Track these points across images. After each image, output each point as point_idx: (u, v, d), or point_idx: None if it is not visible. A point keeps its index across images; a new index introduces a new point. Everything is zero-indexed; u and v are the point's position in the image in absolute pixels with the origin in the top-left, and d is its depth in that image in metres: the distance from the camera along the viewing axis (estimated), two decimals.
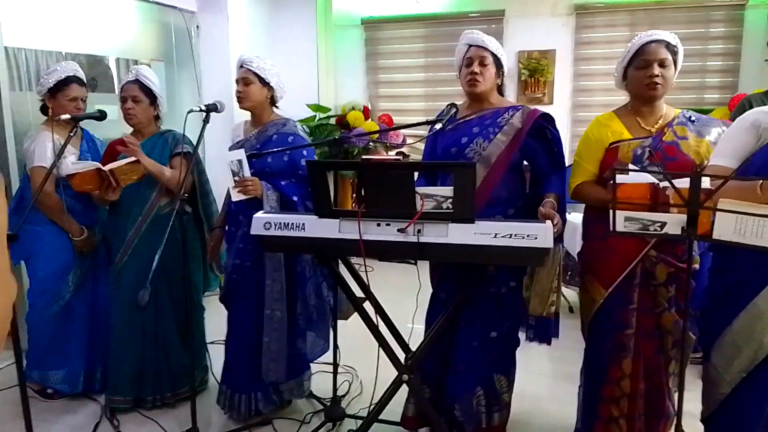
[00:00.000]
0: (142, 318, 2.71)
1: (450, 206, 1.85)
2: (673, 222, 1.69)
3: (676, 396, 1.94)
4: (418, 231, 1.86)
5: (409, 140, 5.23)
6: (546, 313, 2.19)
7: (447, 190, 1.85)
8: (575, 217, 3.72)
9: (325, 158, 4.84)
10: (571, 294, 4.19)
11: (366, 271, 2.13)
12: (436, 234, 1.85)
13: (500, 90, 2.31)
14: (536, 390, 2.96)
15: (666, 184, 1.68)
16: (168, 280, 2.71)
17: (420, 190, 1.88)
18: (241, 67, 2.50)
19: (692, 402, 1.97)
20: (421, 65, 5.83)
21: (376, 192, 1.91)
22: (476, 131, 2.20)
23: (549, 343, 2.23)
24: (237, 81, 2.51)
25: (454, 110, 2.23)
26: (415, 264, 2.19)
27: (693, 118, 2.11)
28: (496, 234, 1.82)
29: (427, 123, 2.28)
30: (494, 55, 2.19)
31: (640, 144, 2.07)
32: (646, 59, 2.04)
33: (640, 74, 2.06)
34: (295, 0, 5.29)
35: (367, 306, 2.22)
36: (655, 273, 2.08)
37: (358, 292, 2.26)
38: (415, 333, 2.40)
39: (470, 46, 2.21)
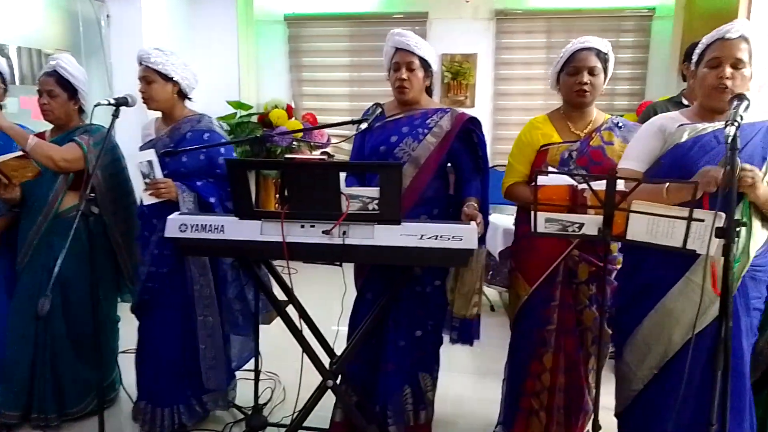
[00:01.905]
0: (36, 328, 2.47)
1: (376, 207, 1.81)
2: (591, 223, 1.74)
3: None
4: (344, 233, 1.81)
5: (333, 140, 5.18)
6: (469, 315, 2.23)
7: (373, 191, 1.82)
8: (497, 218, 3.82)
9: (247, 157, 4.69)
10: (492, 293, 4.29)
11: (289, 274, 2.06)
12: (361, 235, 1.82)
13: (429, 91, 2.31)
14: (459, 388, 2.99)
15: (584, 186, 1.73)
16: (67, 288, 2.48)
17: (346, 190, 1.84)
18: (140, 64, 2.32)
19: (608, 396, 2.04)
20: (346, 64, 5.78)
21: (300, 192, 1.84)
22: (406, 131, 2.19)
23: (471, 344, 2.27)
24: (139, 80, 2.33)
25: (379, 110, 2.22)
26: (340, 266, 2.14)
27: (620, 124, 2.20)
28: (422, 235, 1.81)
29: (352, 122, 2.24)
30: (422, 59, 2.18)
31: (568, 147, 2.14)
32: (576, 66, 2.11)
33: (571, 80, 2.12)
34: None
35: (291, 310, 2.16)
36: (577, 272, 2.16)
37: (282, 296, 2.19)
38: (340, 336, 2.36)
39: (397, 49, 2.20)
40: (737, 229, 1.46)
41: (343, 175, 1.95)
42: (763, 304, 1.82)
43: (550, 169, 2.06)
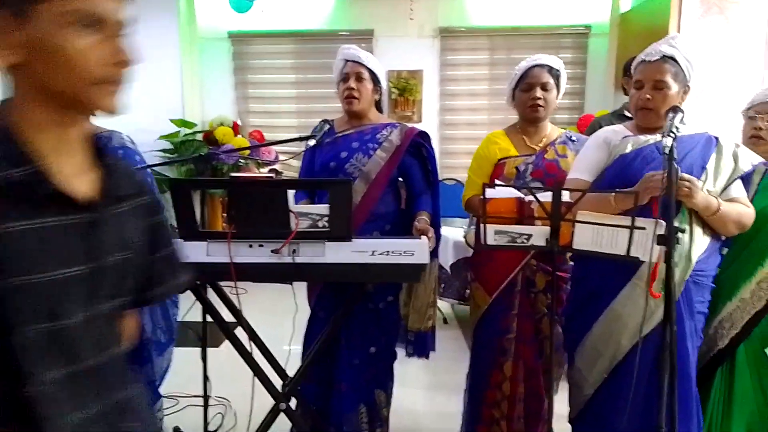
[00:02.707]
0: None
1: (326, 224, 1.79)
2: (538, 234, 1.77)
3: (556, 398, 2.05)
4: (294, 251, 1.78)
5: (282, 157, 5.12)
6: (424, 328, 2.23)
7: (323, 208, 1.80)
8: (447, 231, 3.86)
9: (191, 176, 4.58)
10: (445, 306, 4.31)
11: (237, 294, 2.00)
12: (312, 254, 1.79)
13: (378, 106, 2.32)
14: (415, 403, 2.98)
15: (531, 198, 1.76)
16: None
17: (295, 208, 1.81)
18: None
19: (561, 404, 2.07)
20: (293, 81, 5.74)
21: (247, 211, 1.80)
22: (356, 146, 2.19)
23: (427, 357, 2.27)
24: None
25: (327, 126, 2.21)
26: (291, 285, 2.10)
27: (573, 138, 2.27)
28: (373, 251, 1.80)
29: (300, 139, 2.22)
30: (371, 71, 2.20)
31: (524, 161, 2.19)
32: (530, 82, 2.17)
33: (525, 96, 2.18)
34: (155, 8, 4.97)
35: (240, 332, 2.09)
36: (535, 281, 2.19)
37: (230, 317, 2.12)
38: (293, 357, 2.30)
39: (347, 61, 2.21)
40: (678, 235, 1.52)
41: (292, 193, 1.92)
42: (707, 308, 1.89)
43: (497, 182, 2.09)
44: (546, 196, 1.73)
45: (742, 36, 3.99)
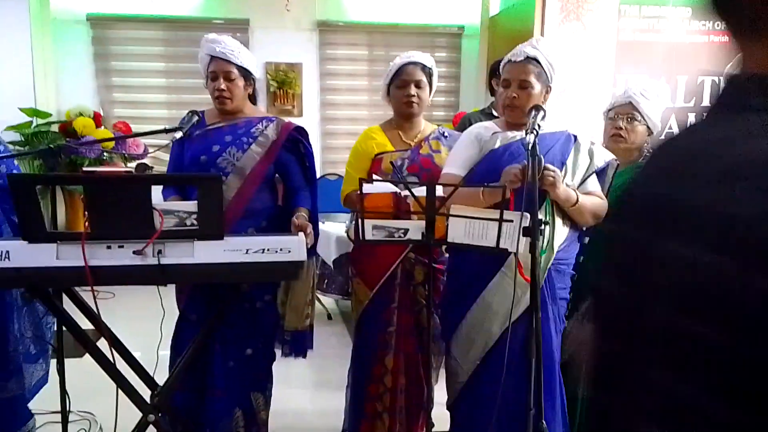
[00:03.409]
0: None
1: (195, 222, 1.68)
2: (414, 228, 1.80)
3: (435, 387, 2.09)
4: (159, 252, 1.65)
5: (151, 150, 4.79)
6: (301, 327, 2.19)
7: (190, 205, 1.69)
8: (329, 227, 3.84)
9: (42, 171, 4.15)
10: (329, 302, 4.28)
11: (95, 300, 1.83)
12: (180, 254, 1.67)
13: (253, 98, 2.23)
14: (298, 402, 2.93)
15: (406, 193, 1.78)
16: None
17: (160, 205, 1.68)
18: None
19: (442, 391, 2.12)
20: (162, 70, 5.40)
21: (105, 210, 1.65)
22: (229, 140, 2.09)
23: (305, 356, 2.24)
24: None
25: (196, 118, 2.08)
26: (158, 287, 1.96)
27: (446, 134, 2.32)
28: (247, 250, 1.72)
29: (166, 131, 2.08)
30: (240, 67, 2.10)
31: (400, 155, 2.21)
32: (404, 79, 2.19)
33: (399, 93, 2.21)
34: None
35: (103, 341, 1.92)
36: (414, 274, 2.22)
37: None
38: (162, 364, 2.15)
39: (212, 57, 2.09)
40: (541, 227, 1.61)
41: (158, 189, 1.79)
42: (569, 294, 2.01)
43: (375, 177, 2.10)
44: (421, 191, 1.75)
45: (596, 41, 4.36)
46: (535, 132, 1.62)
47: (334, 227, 3.85)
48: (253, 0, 5.32)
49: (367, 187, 1.78)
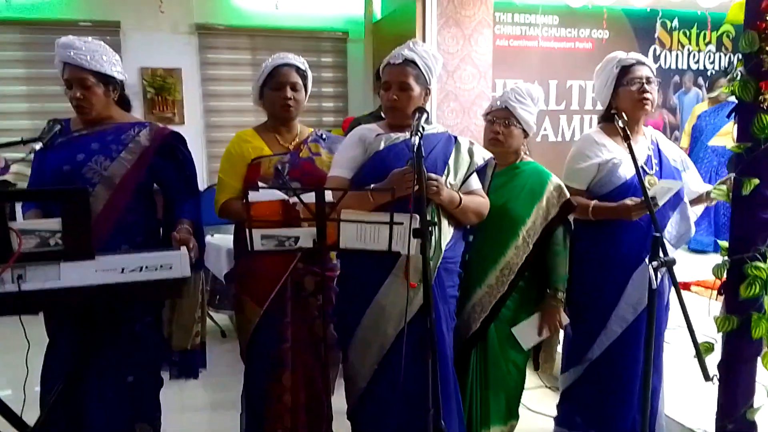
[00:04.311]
0: None
1: (60, 242, 1.52)
2: (306, 235, 1.76)
3: (334, 397, 2.07)
4: (19, 277, 1.48)
5: (15, 167, 4.33)
6: (191, 346, 2.06)
7: (54, 223, 1.53)
8: (219, 239, 3.66)
9: None
10: (222, 318, 4.10)
11: None
12: (44, 278, 1.52)
13: (123, 103, 2.06)
14: (194, 427, 2.77)
15: (295, 199, 1.73)
16: None
17: (17, 225, 1.50)
18: None
19: (341, 400, 2.09)
20: (23, 77, 4.92)
21: None
22: (96, 148, 1.92)
23: (196, 377, 2.12)
24: None
25: (58, 127, 1.90)
26: (19, 317, 1.76)
27: (324, 136, 2.28)
28: (123, 269, 1.59)
29: (23, 142, 1.88)
30: (98, 73, 1.93)
31: (279, 159, 2.13)
32: (280, 81, 2.13)
33: (275, 95, 2.13)
34: None
35: None
36: (304, 284, 2.15)
37: None
38: (33, 401, 1.94)
39: (66, 64, 1.91)
40: (429, 228, 1.63)
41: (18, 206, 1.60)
42: (457, 291, 2.06)
43: (261, 184, 2.02)
44: (310, 197, 1.71)
45: (475, 46, 4.55)
46: (419, 134, 1.64)
47: (224, 240, 3.68)
48: (123, 1, 5.00)
49: (253, 195, 1.71)
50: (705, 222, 5.23)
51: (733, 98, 1.85)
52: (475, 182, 2.03)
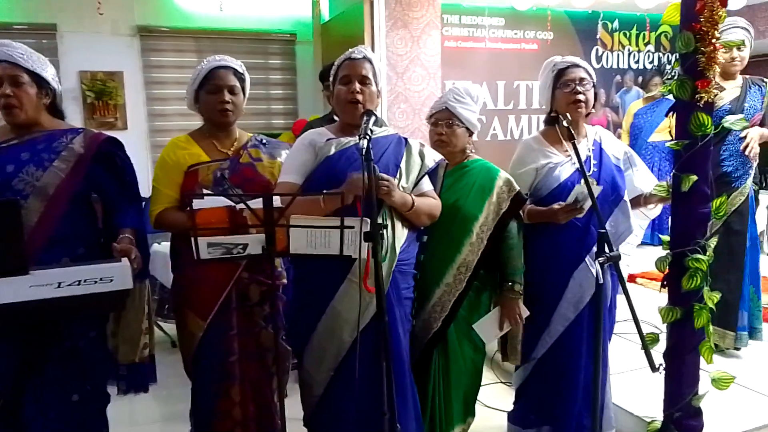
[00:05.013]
0: None
1: None
2: (254, 242, 1.72)
3: (289, 402, 1.98)
4: None
5: None
6: (139, 359, 1.98)
7: None
8: (165, 247, 3.55)
9: None
10: (171, 328, 3.98)
11: None
12: None
13: (55, 111, 1.96)
14: None
15: (242, 205, 1.69)
16: None
17: None
18: None
19: (297, 406, 2.05)
20: None
21: None
22: (26, 158, 1.81)
23: (146, 391, 2.03)
24: None
25: None
26: None
27: (264, 141, 2.22)
28: (59, 283, 1.51)
29: None
30: (32, 73, 1.83)
31: (219, 166, 2.07)
32: (217, 84, 2.05)
33: (212, 99, 2.06)
34: None
35: None
36: (249, 294, 2.09)
37: None
38: None
39: None
40: (380, 231, 1.62)
41: None
42: (413, 293, 2.06)
43: (205, 191, 1.96)
44: (257, 203, 1.67)
45: (423, 48, 4.57)
46: (368, 137, 1.62)
47: None
48: (60, 3, 4.80)
49: (197, 202, 1.66)
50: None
51: (670, 96, 1.91)
52: (426, 184, 2.03)
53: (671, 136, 1.97)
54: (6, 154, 1.81)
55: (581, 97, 2.21)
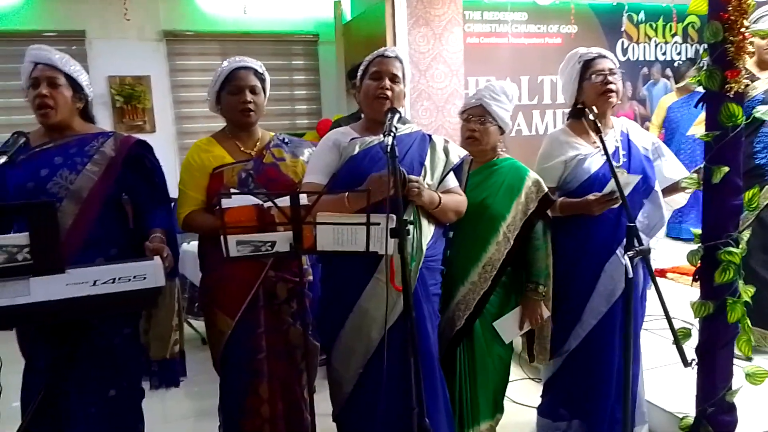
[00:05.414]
0: None
1: (28, 257, 1.48)
2: (282, 240, 1.73)
3: (319, 396, 2.01)
4: None
5: None
6: (170, 355, 2.02)
7: (21, 237, 1.48)
8: (194, 246, 3.61)
9: None
10: (200, 325, 4.04)
11: None
12: (13, 294, 1.47)
13: (87, 116, 2.01)
14: None
15: (269, 204, 1.71)
16: None
17: None
18: None
19: (326, 402, 2.06)
20: None
21: None
22: (59, 162, 1.86)
23: (177, 385, 2.07)
24: None
25: (22, 140, 1.84)
26: None
27: (286, 140, 2.24)
28: (95, 281, 1.55)
29: None
30: (68, 76, 1.89)
31: (243, 167, 2.09)
32: (238, 85, 2.07)
33: (234, 100, 2.08)
34: None
35: None
36: (276, 292, 2.11)
37: None
38: (11, 420, 1.89)
39: (36, 64, 1.87)
40: (407, 227, 1.62)
41: None
42: (440, 289, 2.05)
43: (233, 190, 1.99)
44: (284, 201, 1.69)
45: (446, 45, 4.56)
46: (392, 134, 1.63)
47: None
48: (87, 10, 4.91)
49: (226, 201, 1.69)
50: (694, 211, 5.14)
51: (700, 87, 1.88)
52: (452, 180, 2.03)
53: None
54: (40, 158, 1.86)
55: (613, 87, 2.19)
